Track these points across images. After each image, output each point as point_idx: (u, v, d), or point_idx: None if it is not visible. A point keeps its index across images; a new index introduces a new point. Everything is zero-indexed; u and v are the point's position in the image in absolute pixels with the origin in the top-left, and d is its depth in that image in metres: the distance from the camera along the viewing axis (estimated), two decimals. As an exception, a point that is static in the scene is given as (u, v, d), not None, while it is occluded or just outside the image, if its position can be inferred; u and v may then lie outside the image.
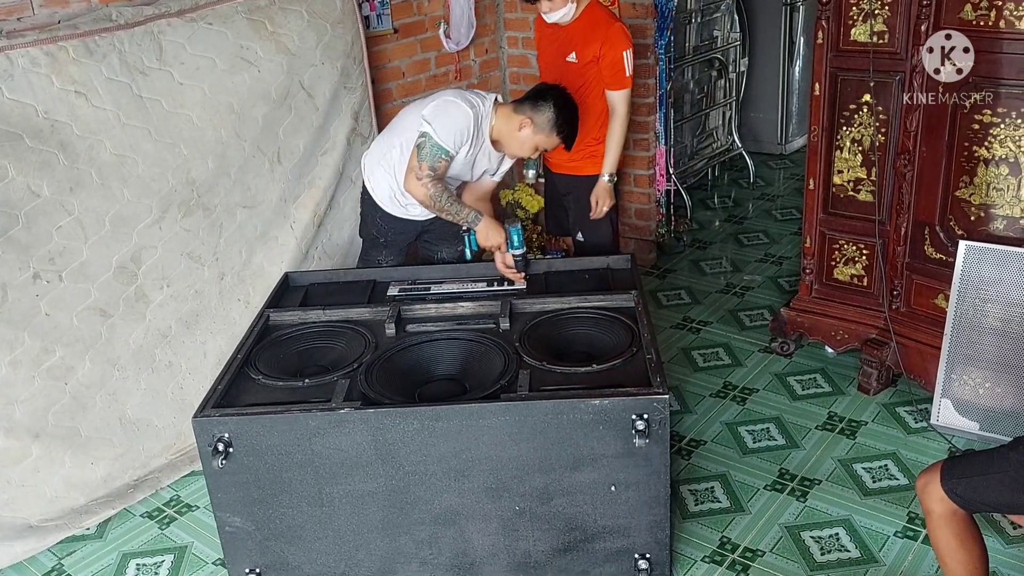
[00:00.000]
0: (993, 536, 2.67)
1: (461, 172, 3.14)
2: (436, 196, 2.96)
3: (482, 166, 3.16)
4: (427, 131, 2.91)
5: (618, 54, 3.25)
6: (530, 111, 3.00)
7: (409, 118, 3.09)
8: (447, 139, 2.91)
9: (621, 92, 3.32)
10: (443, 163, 2.94)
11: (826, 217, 3.42)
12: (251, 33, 3.21)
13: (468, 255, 3.26)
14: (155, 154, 3.01)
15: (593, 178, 3.44)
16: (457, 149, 2.95)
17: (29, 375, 2.83)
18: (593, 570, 2.55)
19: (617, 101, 3.33)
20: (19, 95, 2.67)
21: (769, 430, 3.28)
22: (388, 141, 3.17)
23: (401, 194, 3.15)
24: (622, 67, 3.26)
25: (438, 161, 2.93)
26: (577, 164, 3.48)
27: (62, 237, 2.84)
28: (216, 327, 3.33)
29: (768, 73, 6.04)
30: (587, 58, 3.31)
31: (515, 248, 3.08)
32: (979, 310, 2.96)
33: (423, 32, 4.20)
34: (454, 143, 2.92)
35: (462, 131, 2.94)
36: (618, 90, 3.31)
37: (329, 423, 2.36)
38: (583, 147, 3.40)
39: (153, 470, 3.19)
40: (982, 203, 2.97)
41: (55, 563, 2.91)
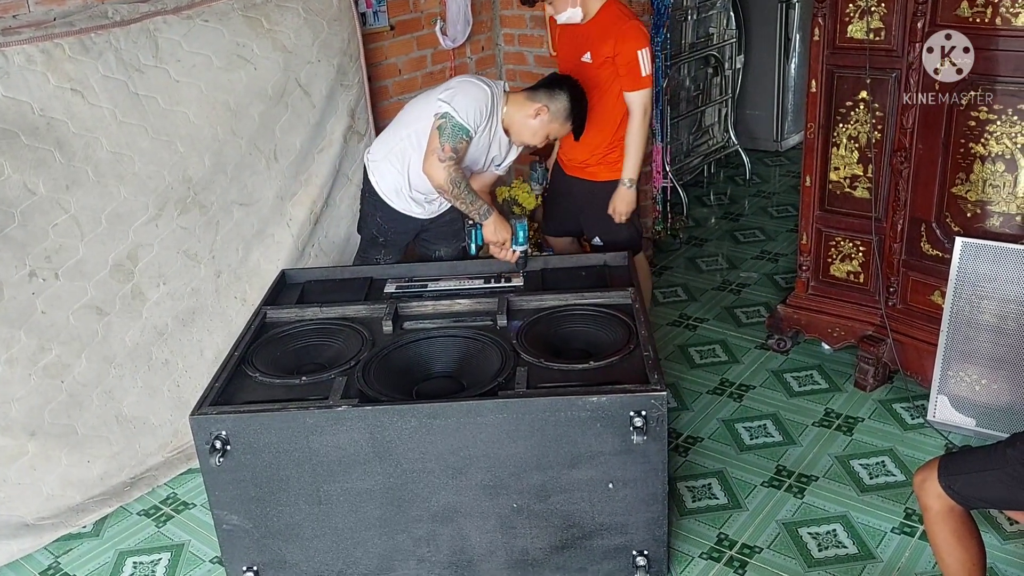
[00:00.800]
0: (990, 532, 2.68)
1: (475, 159, 3.11)
2: (457, 180, 2.92)
3: (492, 153, 3.14)
4: (447, 111, 2.87)
5: (632, 52, 3.11)
6: (546, 98, 2.98)
7: (416, 109, 3.08)
8: (468, 117, 2.88)
9: (638, 93, 3.17)
10: (464, 144, 2.91)
11: (822, 214, 3.43)
12: (247, 31, 3.20)
13: (473, 250, 3.22)
14: (152, 152, 3.01)
15: (609, 184, 3.33)
16: (476, 128, 2.93)
17: (25, 373, 2.83)
18: (591, 567, 2.55)
19: (634, 102, 3.19)
20: (15, 92, 2.67)
21: (766, 427, 3.28)
22: (396, 134, 3.13)
23: (408, 188, 3.14)
24: (637, 66, 3.12)
25: (459, 142, 2.89)
26: (593, 170, 3.37)
27: (58, 235, 2.84)
28: (213, 325, 3.33)
29: (764, 70, 6.04)
30: (601, 57, 3.19)
31: (520, 244, 3.09)
32: (975, 307, 2.97)
33: (419, 29, 4.20)
34: (474, 121, 2.90)
35: (480, 110, 2.91)
36: (634, 91, 3.17)
37: (326, 421, 2.36)
38: (598, 152, 3.32)
39: (150, 468, 3.19)
40: (978, 200, 2.98)
41: (52, 561, 2.90)
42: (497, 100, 2.99)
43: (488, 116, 2.96)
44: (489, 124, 2.99)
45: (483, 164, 3.19)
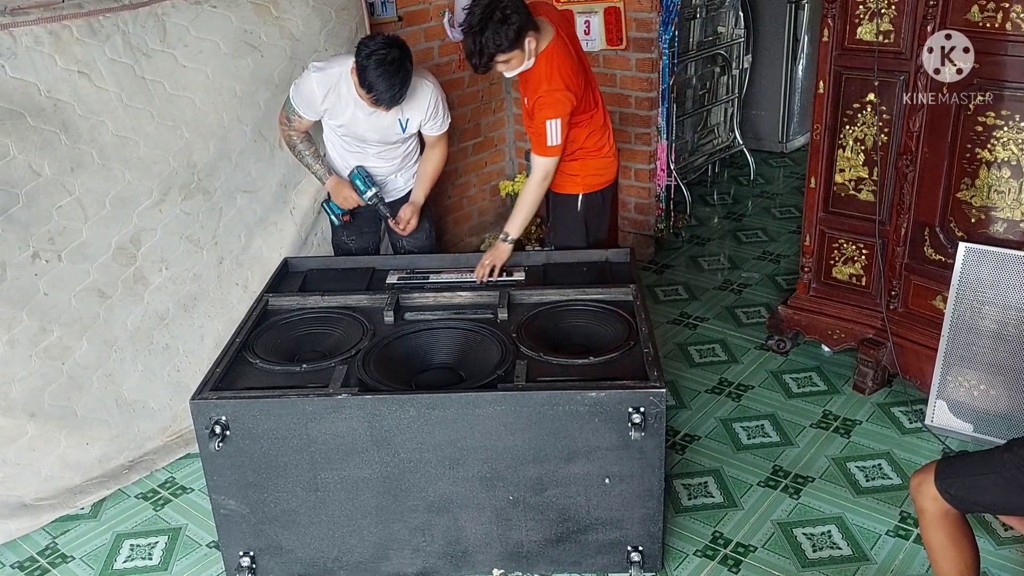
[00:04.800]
0: (984, 537, 2.68)
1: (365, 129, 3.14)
2: (291, 144, 3.22)
3: (385, 122, 3.11)
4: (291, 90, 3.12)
5: (542, 122, 2.98)
6: None
7: None
8: (294, 96, 3.08)
9: (538, 159, 3.06)
10: (297, 117, 3.12)
11: (826, 216, 3.42)
12: (255, 17, 3.20)
13: (334, 220, 3.36)
14: (157, 136, 3.01)
15: (566, 196, 3.27)
16: (300, 106, 3.08)
17: (26, 354, 2.83)
18: (585, 561, 2.56)
19: (536, 165, 3.08)
20: (22, 73, 2.67)
21: (763, 427, 3.29)
22: None
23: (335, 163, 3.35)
24: (544, 135, 2.98)
25: (292, 113, 3.12)
26: (555, 181, 3.26)
27: (62, 217, 2.84)
28: (214, 311, 3.33)
29: (771, 71, 6.04)
30: (528, 108, 3.12)
31: (363, 193, 3.20)
32: (976, 312, 2.97)
33: (427, 21, 4.19)
34: (299, 100, 3.08)
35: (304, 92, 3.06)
36: (538, 156, 3.06)
37: (326, 408, 2.37)
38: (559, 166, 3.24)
39: (148, 452, 3.20)
40: (983, 205, 2.97)
41: (49, 542, 2.91)
42: (341, 77, 3.01)
43: (327, 97, 3.04)
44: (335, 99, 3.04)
45: (392, 135, 3.18)
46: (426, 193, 3.34)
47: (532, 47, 2.93)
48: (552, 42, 2.98)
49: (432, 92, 3.14)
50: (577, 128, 3.13)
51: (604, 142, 3.23)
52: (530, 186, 3.12)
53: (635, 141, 4.48)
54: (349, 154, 3.26)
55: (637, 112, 4.43)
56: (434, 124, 3.20)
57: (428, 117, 3.16)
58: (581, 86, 3.03)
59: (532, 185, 3.11)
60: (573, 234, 3.32)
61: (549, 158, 3.04)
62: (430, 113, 3.15)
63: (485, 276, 3.07)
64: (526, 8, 2.91)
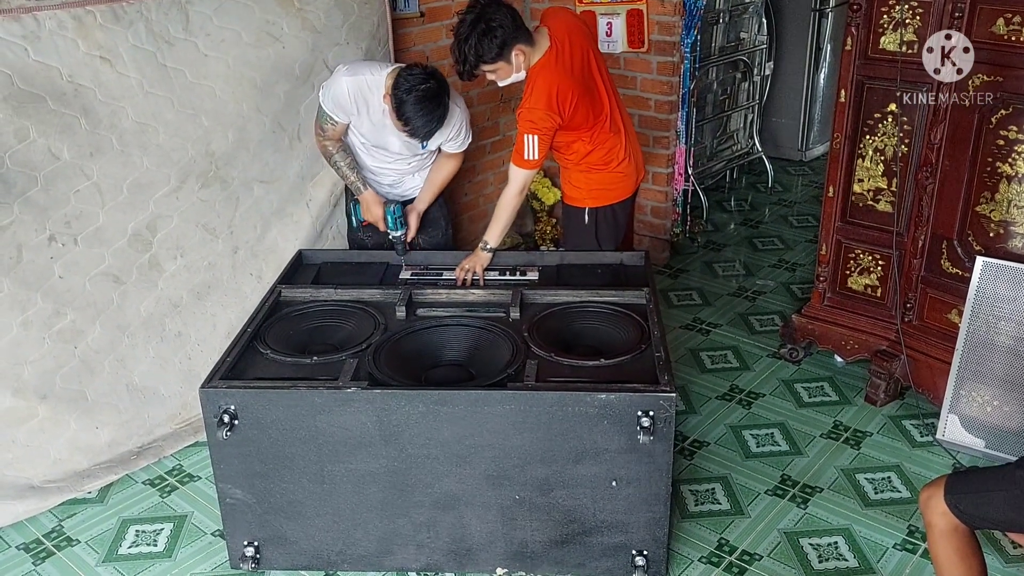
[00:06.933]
0: (992, 554, 2.66)
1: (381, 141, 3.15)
2: (328, 153, 3.20)
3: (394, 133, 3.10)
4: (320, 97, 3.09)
5: (521, 135, 2.99)
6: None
7: None
8: (327, 103, 3.05)
9: (515, 171, 3.06)
10: (330, 125, 3.09)
11: (843, 225, 3.40)
12: (278, 8, 3.20)
13: (354, 223, 3.36)
14: (176, 124, 3.02)
15: (572, 208, 3.30)
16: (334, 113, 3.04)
17: (40, 336, 2.85)
18: (589, 563, 2.55)
19: (513, 175, 3.08)
20: (44, 57, 2.68)
21: (773, 435, 3.27)
22: None
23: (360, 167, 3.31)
24: (522, 148, 2.99)
25: (325, 122, 3.10)
26: (564, 191, 3.35)
27: (79, 201, 2.85)
28: (227, 300, 3.34)
29: (793, 78, 6.01)
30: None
31: (391, 229, 3.20)
32: (992, 327, 2.94)
33: (449, 17, 4.18)
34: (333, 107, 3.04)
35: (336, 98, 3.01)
36: (516, 167, 3.05)
37: (335, 401, 2.37)
38: (564, 175, 3.30)
39: (157, 438, 3.21)
40: (1002, 220, 2.95)
41: (55, 524, 2.92)
42: (372, 86, 2.98)
43: (355, 102, 3.00)
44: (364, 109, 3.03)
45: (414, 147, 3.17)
46: (431, 200, 3.36)
47: (520, 60, 2.93)
48: (545, 57, 2.97)
49: (459, 115, 3.15)
50: (578, 143, 3.14)
51: (613, 157, 3.19)
52: (506, 197, 3.13)
53: (654, 144, 4.46)
54: (368, 157, 3.26)
55: (656, 115, 4.42)
56: (455, 143, 3.23)
57: (450, 137, 3.18)
58: (572, 105, 2.99)
59: (509, 196, 3.12)
60: (583, 245, 3.33)
61: (526, 170, 3.05)
62: (453, 135, 3.18)
63: (467, 279, 3.06)
64: (516, 22, 2.91)
